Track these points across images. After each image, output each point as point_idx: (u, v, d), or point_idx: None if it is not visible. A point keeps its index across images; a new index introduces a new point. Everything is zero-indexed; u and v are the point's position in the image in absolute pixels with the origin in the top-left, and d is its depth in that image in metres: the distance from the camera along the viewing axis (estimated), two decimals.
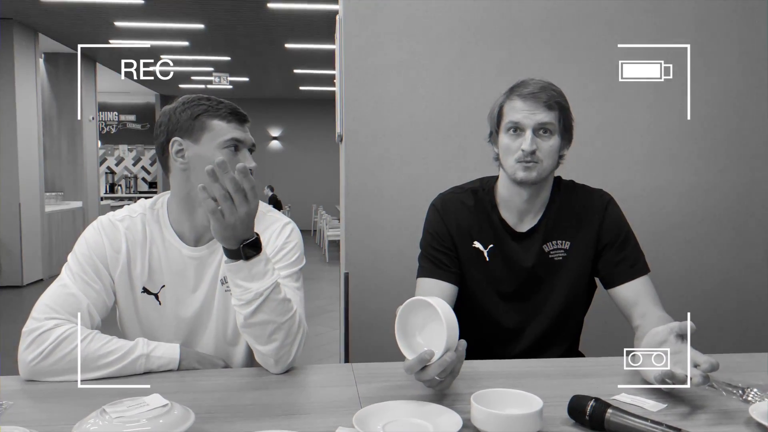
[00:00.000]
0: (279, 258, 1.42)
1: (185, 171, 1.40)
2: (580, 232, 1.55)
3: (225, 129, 1.39)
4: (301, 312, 1.36)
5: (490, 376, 1.29)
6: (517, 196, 1.53)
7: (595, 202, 1.57)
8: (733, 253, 2.32)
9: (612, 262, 1.52)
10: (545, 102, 1.44)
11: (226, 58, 9.63)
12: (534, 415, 0.98)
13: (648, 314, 1.43)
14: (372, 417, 1.02)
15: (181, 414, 0.96)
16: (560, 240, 1.55)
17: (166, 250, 1.43)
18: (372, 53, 2.19)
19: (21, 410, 1.11)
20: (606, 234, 1.54)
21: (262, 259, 1.24)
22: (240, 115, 1.43)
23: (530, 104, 1.45)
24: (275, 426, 0.99)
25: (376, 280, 2.22)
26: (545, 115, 1.45)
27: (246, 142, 1.43)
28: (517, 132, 1.47)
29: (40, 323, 1.26)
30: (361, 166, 2.21)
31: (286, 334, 1.28)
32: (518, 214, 1.56)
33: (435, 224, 1.59)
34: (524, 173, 1.46)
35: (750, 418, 1.03)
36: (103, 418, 0.92)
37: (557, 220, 1.55)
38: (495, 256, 1.56)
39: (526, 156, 1.44)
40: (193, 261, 1.42)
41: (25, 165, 7.24)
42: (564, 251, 1.55)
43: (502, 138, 1.50)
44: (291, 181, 13.72)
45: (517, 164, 1.46)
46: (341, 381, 1.28)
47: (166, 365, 1.31)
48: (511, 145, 1.47)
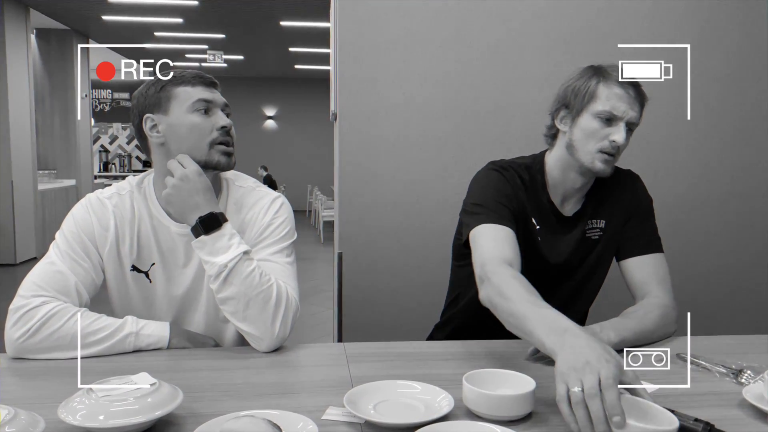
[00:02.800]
0: (268, 234, 1.41)
1: (163, 145, 1.39)
2: (614, 209, 1.53)
3: (191, 92, 1.37)
4: (291, 287, 1.35)
5: (484, 356, 1.29)
6: (570, 181, 1.47)
7: (626, 179, 1.57)
8: (728, 238, 2.31)
9: (631, 234, 1.52)
10: (638, 96, 1.38)
11: (221, 35, 9.52)
12: (526, 396, 0.98)
13: (650, 294, 1.43)
14: (363, 397, 1.01)
15: (169, 393, 0.95)
16: (597, 219, 1.53)
17: (155, 228, 1.41)
18: (366, 30, 2.15)
19: (7, 388, 1.10)
20: (633, 208, 1.54)
21: (225, 233, 1.30)
22: (205, 78, 1.40)
23: (631, 95, 1.37)
24: (265, 405, 0.98)
25: (370, 259, 2.20)
26: (638, 112, 1.38)
27: (216, 102, 1.40)
28: (610, 120, 1.38)
29: (27, 300, 1.24)
30: (355, 145, 2.18)
31: (262, 308, 1.27)
32: (563, 197, 1.51)
33: (500, 183, 1.45)
34: (603, 165, 1.40)
35: (743, 400, 1.03)
36: (90, 397, 0.91)
37: (597, 202, 1.53)
38: (545, 237, 1.50)
39: (614, 149, 1.38)
40: (182, 238, 1.40)
41: (18, 143, 7.16)
42: (600, 230, 1.53)
43: (587, 121, 1.39)
44: (286, 161, 13.64)
45: (599, 154, 1.39)
46: (333, 360, 1.27)
47: (155, 344, 1.29)
48: (598, 132, 1.38)
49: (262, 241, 1.41)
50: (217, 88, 1.43)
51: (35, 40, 8.40)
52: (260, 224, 1.42)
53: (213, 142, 1.37)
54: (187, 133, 1.36)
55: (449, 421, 0.94)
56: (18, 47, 7.24)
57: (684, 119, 2.15)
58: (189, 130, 1.36)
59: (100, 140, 13.06)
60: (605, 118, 1.37)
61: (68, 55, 8.66)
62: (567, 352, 0.95)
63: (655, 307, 1.38)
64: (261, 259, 1.37)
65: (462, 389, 1.00)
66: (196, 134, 1.36)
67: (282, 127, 14.08)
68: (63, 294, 1.28)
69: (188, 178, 1.31)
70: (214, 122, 1.38)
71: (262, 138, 13.77)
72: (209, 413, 0.95)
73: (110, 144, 13.26)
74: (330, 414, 0.98)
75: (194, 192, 1.31)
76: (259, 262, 1.34)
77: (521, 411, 0.98)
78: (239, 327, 1.30)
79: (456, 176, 2.16)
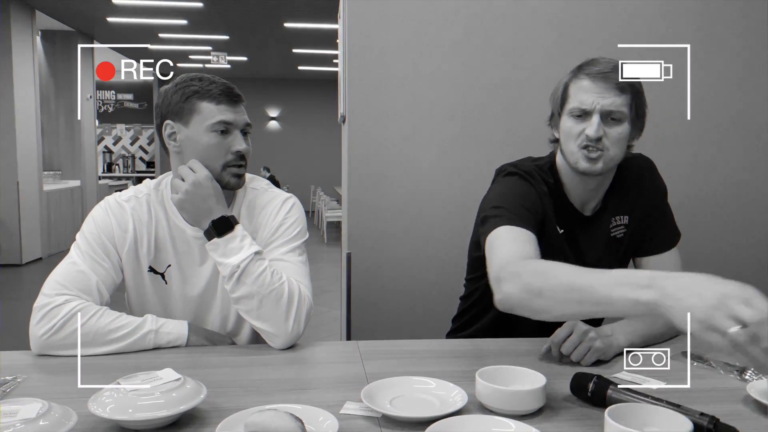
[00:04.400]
0: (279, 234, 1.45)
1: (179, 154, 1.42)
2: (635, 203, 1.47)
3: (214, 111, 1.38)
4: (304, 285, 1.39)
5: (496, 354, 1.32)
6: (580, 185, 1.41)
7: (642, 168, 1.49)
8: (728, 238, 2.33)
9: (652, 230, 1.47)
10: (617, 84, 1.29)
11: (225, 36, 9.56)
12: (537, 391, 1.01)
13: None
14: (379, 392, 1.05)
15: (194, 388, 0.99)
16: (621, 215, 1.47)
17: (171, 231, 1.45)
18: (375, 33, 2.18)
19: (34, 384, 1.14)
20: (652, 198, 1.48)
21: (237, 235, 1.34)
22: (231, 95, 1.41)
23: (600, 85, 1.30)
24: (285, 400, 1.01)
25: (378, 260, 2.23)
26: (616, 99, 1.30)
27: (236, 124, 1.41)
28: (583, 116, 1.32)
29: (50, 299, 1.28)
30: (363, 146, 2.21)
31: (275, 306, 1.31)
32: (581, 202, 1.45)
33: (523, 187, 1.38)
34: (587, 164, 1.33)
35: (748, 396, 1.06)
36: (118, 391, 0.95)
37: (618, 196, 1.46)
38: (571, 243, 1.44)
39: (591, 142, 1.31)
40: (197, 241, 1.43)
41: (23, 143, 7.20)
42: (624, 226, 1.47)
43: (564, 121, 1.36)
44: (289, 162, 13.68)
45: (580, 151, 1.33)
46: (348, 358, 1.30)
47: (174, 341, 1.33)
48: (574, 129, 1.33)
49: (274, 241, 1.44)
50: (243, 103, 1.44)
51: (40, 41, 8.44)
52: (272, 224, 1.46)
53: (226, 165, 1.41)
54: (203, 150, 1.39)
55: (463, 415, 0.97)
56: (23, 49, 7.28)
57: (684, 119, 2.17)
58: (205, 148, 1.39)
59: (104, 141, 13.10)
60: (577, 114, 1.33)
61: (73, 57, 8.68)
62: (685, 296, 0.85)
63: None
64: (274, 258, 1.40)
65: (475, 385, 1.03)
66: (212, 154, 1.39)
67: (285, 128, 14.11)
68: (85, 293, 1.32)
69: (200, 183, 1.35)
70: (230, 144, 1.40)
71: (266, 139, 13.79)
72: (232, 408, 0.99)
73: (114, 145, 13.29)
74: (348, 408, 1.02)
75: (206, 197, 1.35)
76: (272, 262, 1.38)
77: (533, 405, 1.01)
78: (254, 325, 1.34)
79: (464, 178, 2.20)
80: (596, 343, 1.21)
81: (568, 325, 1.23)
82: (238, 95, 1.42)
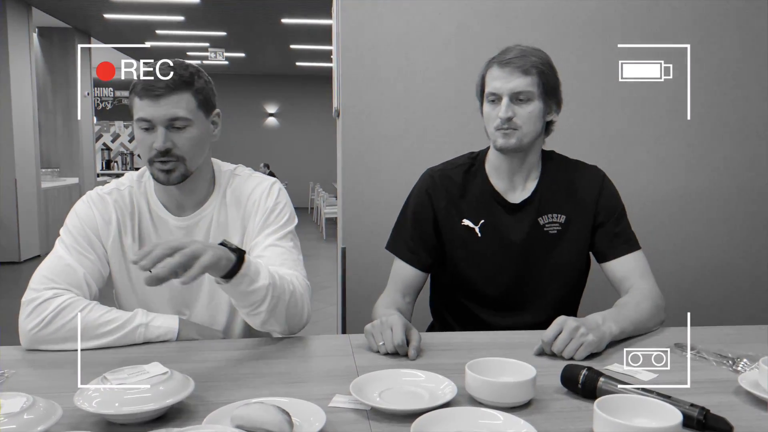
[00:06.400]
0: (272, 220, 1.45)
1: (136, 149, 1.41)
2: (577, 205, 1.55)
3: (137, 107, 1.34)
4: (299, 272, 1.40)
5: (486, 346, 1.31)
6: (504, 162, 1.53)
7: (592, 176, 1.58)
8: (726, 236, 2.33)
9: (608, 237, 1.54)
10: (521, 68, 1.43)
11: (222, 33, 9.54)
12: (527, 383, 1.01)
13: (634, 287, 1.47)
14: (368, 385, 1.04)
15: (181, 381, 0.98)
16: (555, 213, 1.55)
17: (154, 222, 1.45)
18: (368, 27, 2.17)
19: (23, 378, 1.13)
20: (603, 209, 1.55)
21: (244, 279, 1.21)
22: (152, 89, 1.31)
23: (506, 71, 1.44)
24: (274, 393, 1.01)
25: (373, 255, 2.22)
26: (521, 81, 1.43)
27: (156, 121, 1.33)
28: (496, 101, 1.46)
29: (39, 293, 1.27)
30: (357, 140, 2.21)
31: (293, 305, 1.32)
32: (508, 181, 1.55)
33: (420, 206, 1.60)
34: (503, 140, 1.47)
35: (740, 387, 1.05)
36: (105, 385, 0.94)
37: (552, 192, 1.55)
38: (487, 230, 1.55)
39: (503, 123, 1.44)
40: (181, 230, 1.44)
41: (21, 141, 7.19)
42: (559, 225, 1.55)
43: (484, 107, 1.51)
44: (287, 158, 13.66)
45: (497, 132, 1.47)
46: (338, 351, 1.30)
47: (164, 335, 1.32)
48: (490, 113, 1.48)
49: (267, 228, 1.45)
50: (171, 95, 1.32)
51: (37, 38, 8.42)
52: (263, 210, 1.46)
53: (151, 160, 1.37)
54: (137, 145, 1.39)
55: (453, 407, 0.97)
56: (20, 46, 7.27)
57: (684, 119, 2.17)
58: (138, 142, 1.38)
59: (102, 138, 13.08)
60: (491, 99, 1.47)
61: (70, 54, 8.67)
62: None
63: (645, 297, 1.43)
64: (268, 245, 1.41)
65: (465, 377, 1.03)
66: (141, 149, 1.38)
67: (283, 124, 14.09)
68: (74, 286, 1.31)
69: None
70: (152, 141, 1.35)
71: (264, 135, 13.79)
72: (220, 401, 0.98)
73: (112, 142, 13.28)
74: (337, 401, 1.01)
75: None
76: (267, 248, 1.39)
77: (522, 398, 1.00)
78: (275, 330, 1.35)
79: None
80: (588, 338, 1.21)
81: (557, 323, 1.24)
82: (159, 88, 1.31)
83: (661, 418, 0.88)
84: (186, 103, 1.35)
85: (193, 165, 1.40)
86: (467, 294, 1.59)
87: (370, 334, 1.27)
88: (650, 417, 0.90)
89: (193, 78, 1.36)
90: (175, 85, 1.33)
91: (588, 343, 1.21)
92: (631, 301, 1.41)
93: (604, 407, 0.88)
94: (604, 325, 1.27)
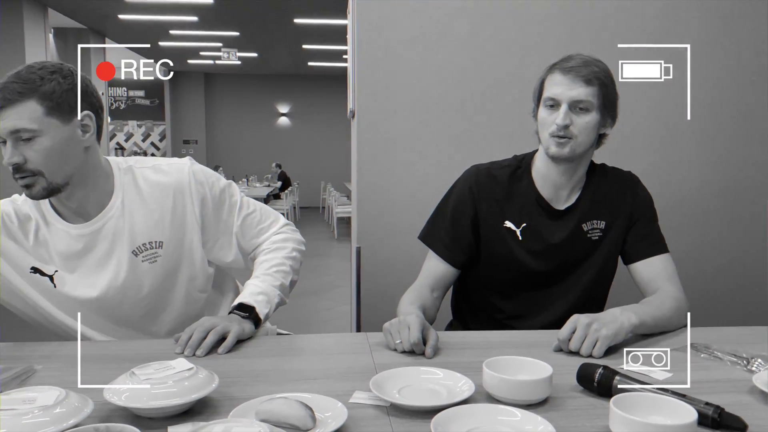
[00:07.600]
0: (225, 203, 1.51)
1: None
2: (616, 212, 1.57)
3: None
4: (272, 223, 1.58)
5: (502, 345, 1.33)
6: (553, 170, 1.53)
7: (627, 182, 1.61)
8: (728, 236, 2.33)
9: (637, 238, 1.56)
10: (584, 77, 1.43)
11: (235, 33, 9.60)
12: (544, 381, 1.02)
13: (661, 289, 1.48)
14: (388, 382, 1.06)
15: (206, 377, 1.01)
16: (597, 220, 1.57)
17: (51, 234, 1.38)
18: (384, 29, 2.19)
19: (51, 373, 1.16)
20: (637, 211, 1.57)
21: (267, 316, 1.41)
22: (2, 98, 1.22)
23: (569, 79, 1.44)
24: (296, 389, 1.03)
25: (387, 254, 2.25)
26: (582, 90, 1.43)
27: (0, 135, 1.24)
28: (554, 107, 1.46)
29: None
30: (372, 141, 2.23)
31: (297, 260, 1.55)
32: (554, 189, 1.56)
33: (461, 203, 1.59)
34: (556, 148, 1.46)
35: (754, 387, 1.07)
36: (133, 380, 0.97)
37: (594, 200, 1.57)
38: (529, 234, 1.56)
39: (560, 131, 1.44)
40: (83, 238, 1.38)
41: None
42: (600, 231, 1.57)
43: (540, 112, 1.50)
44: (299, 157, 13.71)
45: (551, 138, 1.46)
46: (356, 348, 1.32)
47: None
48: (546, 119, 1.47)
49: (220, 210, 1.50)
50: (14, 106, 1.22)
51: (53, 39, 8.51)
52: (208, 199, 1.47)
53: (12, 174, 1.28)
54: None
55: (471, 404, 0.99)
56: (36, 46, 7.36)
57: (684, 119, 2.17)
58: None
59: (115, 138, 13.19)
60: (549, 105, 1.47)
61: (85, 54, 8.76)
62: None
63: (669, 298, 1.43)
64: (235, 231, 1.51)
65: (482, 375, 1.04)
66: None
67: (295, 124, 14.15)
68: None
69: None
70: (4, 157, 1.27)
71: (276, 135, 13.85)
72: (243, 396, 1.01)
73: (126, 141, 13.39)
74: (357, 398, 1.04)
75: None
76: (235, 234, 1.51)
77: (539, 395, 1.02)
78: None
79: None
80: (602, 332, 1.22)
81: (571, 322, 1.25)
82: (8, 97, 1.22)
83: (677, 416, 0.90)
84: (29, 112, 1.23)
85: (57, 177, 1.29)
86: (495, 294, 1.61)
87: (388, 332, 1.29)
88: (665, 415, 0.91)
89: (41, 83, 1.24)
90: (13, 95, 1.22)
91: (603, 337, 1.22)
92: (655, 300, 1.43)
93: (620, 405, 0.90)
94: (622, 315, 1.28)
